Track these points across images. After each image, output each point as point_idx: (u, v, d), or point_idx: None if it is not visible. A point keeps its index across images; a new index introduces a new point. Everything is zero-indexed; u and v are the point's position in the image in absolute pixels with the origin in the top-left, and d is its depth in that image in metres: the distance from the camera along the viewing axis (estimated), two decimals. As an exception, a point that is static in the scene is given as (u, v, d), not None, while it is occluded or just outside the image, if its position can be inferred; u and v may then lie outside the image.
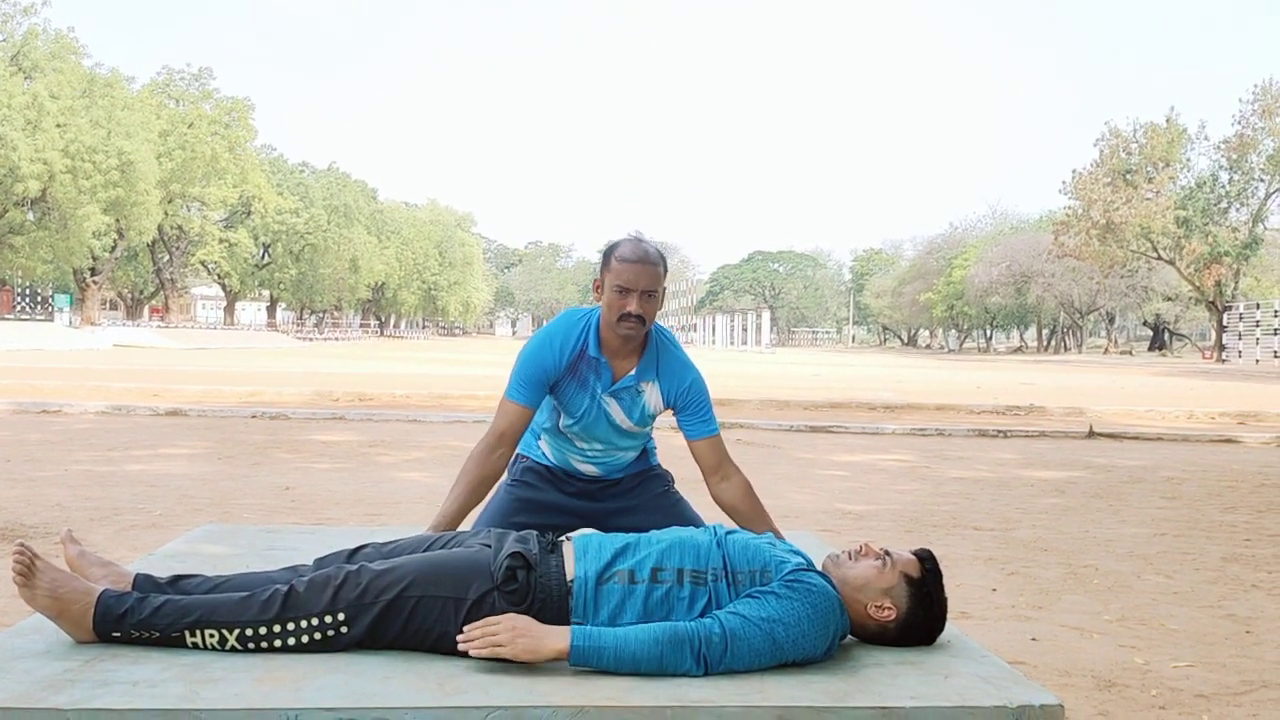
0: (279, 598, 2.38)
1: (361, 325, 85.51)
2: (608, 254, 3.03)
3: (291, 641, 2.37)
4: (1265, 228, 46.15)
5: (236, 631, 2.36)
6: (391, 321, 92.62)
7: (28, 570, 2.38)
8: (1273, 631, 3.14)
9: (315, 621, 2.37)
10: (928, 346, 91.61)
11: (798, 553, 2.59)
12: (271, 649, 2.37)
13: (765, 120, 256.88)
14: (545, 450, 3.28)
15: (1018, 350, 77.45)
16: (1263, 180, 44.72)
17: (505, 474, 3.25)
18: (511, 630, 2.30)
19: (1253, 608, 3.44)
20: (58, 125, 40.54)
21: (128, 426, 8.81)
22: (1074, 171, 46.54)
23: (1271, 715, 2.39)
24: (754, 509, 3.07)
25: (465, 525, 2.91)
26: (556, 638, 2.29)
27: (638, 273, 2.94)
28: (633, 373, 3.06)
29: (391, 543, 2.66)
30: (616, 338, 3.01)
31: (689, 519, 3.17)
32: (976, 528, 4.87)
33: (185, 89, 53.00)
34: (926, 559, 2.53)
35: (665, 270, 3.03)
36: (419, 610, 2.38)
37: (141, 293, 62.79)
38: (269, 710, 2.07)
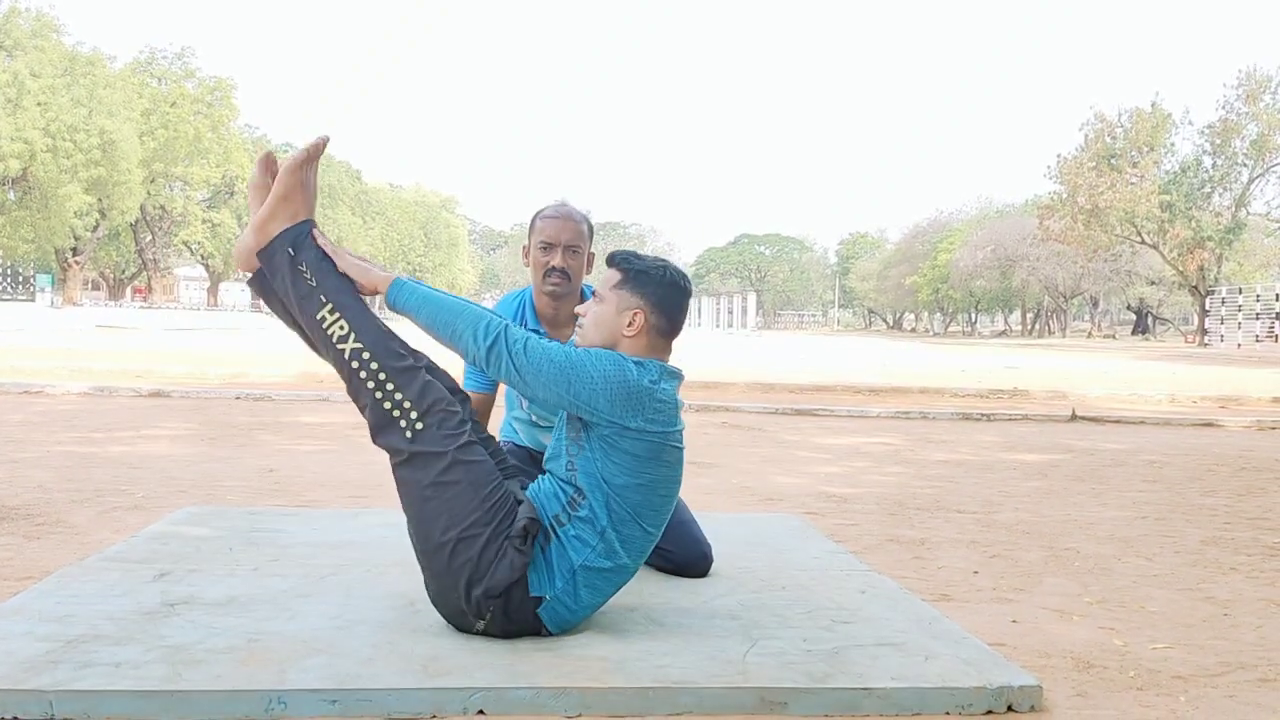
0: (406, 360, 2.50)
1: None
2: (533, 219, 3.10)
3: (379, 395, 2.48)
4: (1248, 213, 46.31)
5: (358, 346, 2.49)
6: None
7: (313, 158, 2.63)
8: (1250, 614, 3.17)
9: (406, 405, 2.46)
10: (913, 330, 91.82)
11: None
12: (360, 380, 2.49)
13: (752, 103, 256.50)
14: (519, 432, 3.32)
15: (1002, 334, 77.69)
16: (1246, 165, 44.85)
17: None
18: (354, 260, 2.59)
19: (1231, 590, 3.48)
20: (39, 104, 40.16)
21: (110, 408, 8.77)
22: (1059, 156, 46.63)
23: (1248, 696, 2.42)
24: None
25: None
26: (385, 273, 2.57)
27: (559, 227, 3.02)
28: (574, 338, 3.09)
29: (477, 420, 2.67)
30: (550, 304, 3.05)
31: None
32: (959, 510, 4.90)
33: (168, 68, 52.54)
34: (610, 257, 2.65)
35: (590, 231, 3.09)
36: (453, 491, 2.42)
37: (124, 273, 62.37)
38: (252, 692, 2.08)
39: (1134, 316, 70.26)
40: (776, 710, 2.18)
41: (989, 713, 2.22)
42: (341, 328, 2.49)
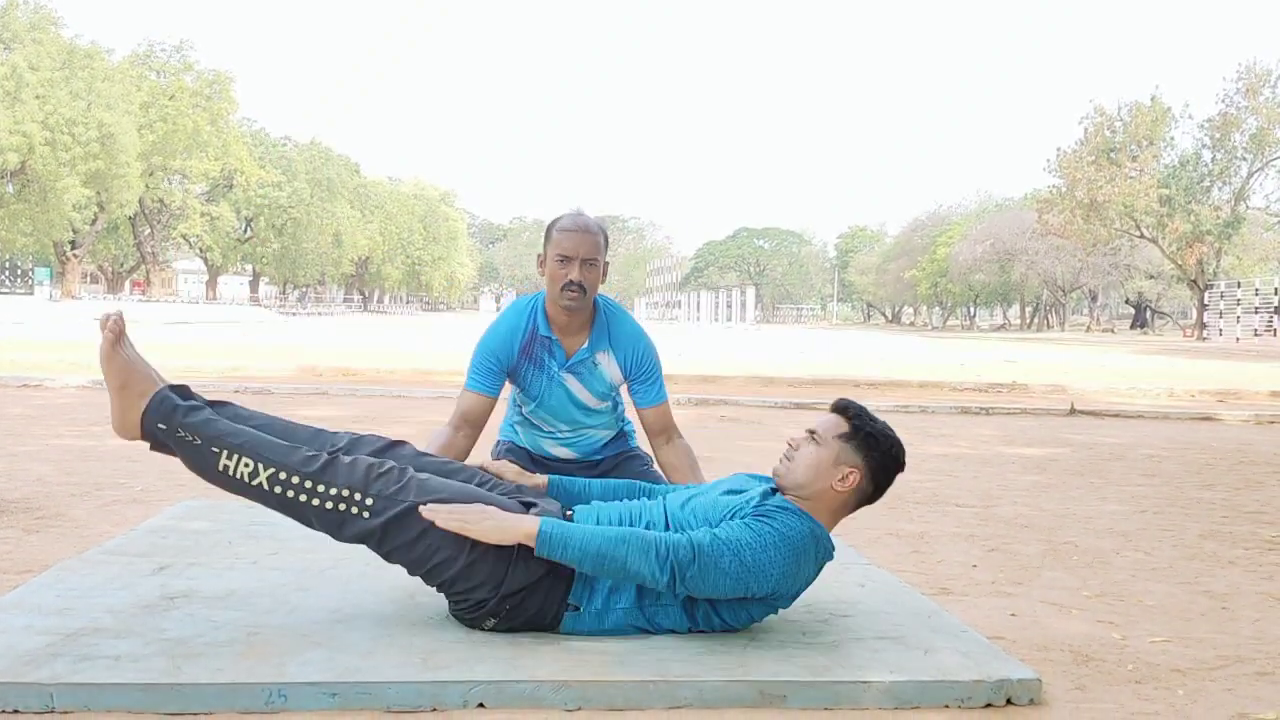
0: (321, 460, 2.42)
1: (345, 300, 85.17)
2: (549, 229, 3.10)
3: (315, 502, 2.40)
4: (1247, 207, 46.30)
5: (271, 471, 2.40)
6: (375, 296, 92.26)
7: (119, 336, 2.52)
8: (1248, 607, 3.18)
9: (345, 494, 2.40)
10: (911, 324, 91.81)
11: (760, 479, 2.61)
12: (295, 500, 2.41)
13: (752, 96, 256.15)
14: (519, 433, 3.32)
15: (1001, 328, 77.74)
16: (1245, 159, 44.83)
17: (490, 454, 3.33)
18: (482, 513, 2.37)
19: (1229, 584, 3.48)
20: (37, 97, 40.06)
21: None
22: (1058, 149, 46.59)
23: (1246, 689, 2.42)
24: (694, 467, 3.17)
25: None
26: (527, 524, 2.34)
27: (578, 241, 3.01)
28: (585, 345, 3.11)
29: (426, 455, 2.68)
30: (563, 313, 3.06)
31: None
32: (958, 504, 4.90)
33: (166, 60, 52.39)
34: (843, 406, 2.57)
35: (606, 242, 3.09)
36: (436, 530, 2.38)
37: (122, 266, 62.31)
38: (252, 685, 2.08)
39: (1133, 311, 70.27)
40: (776, 703, 2.18)
41: (988, 706, 2.22)
42: (246, 465, 2.39)
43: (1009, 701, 2.24)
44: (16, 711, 2.01)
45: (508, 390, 3.27)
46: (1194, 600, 3.25)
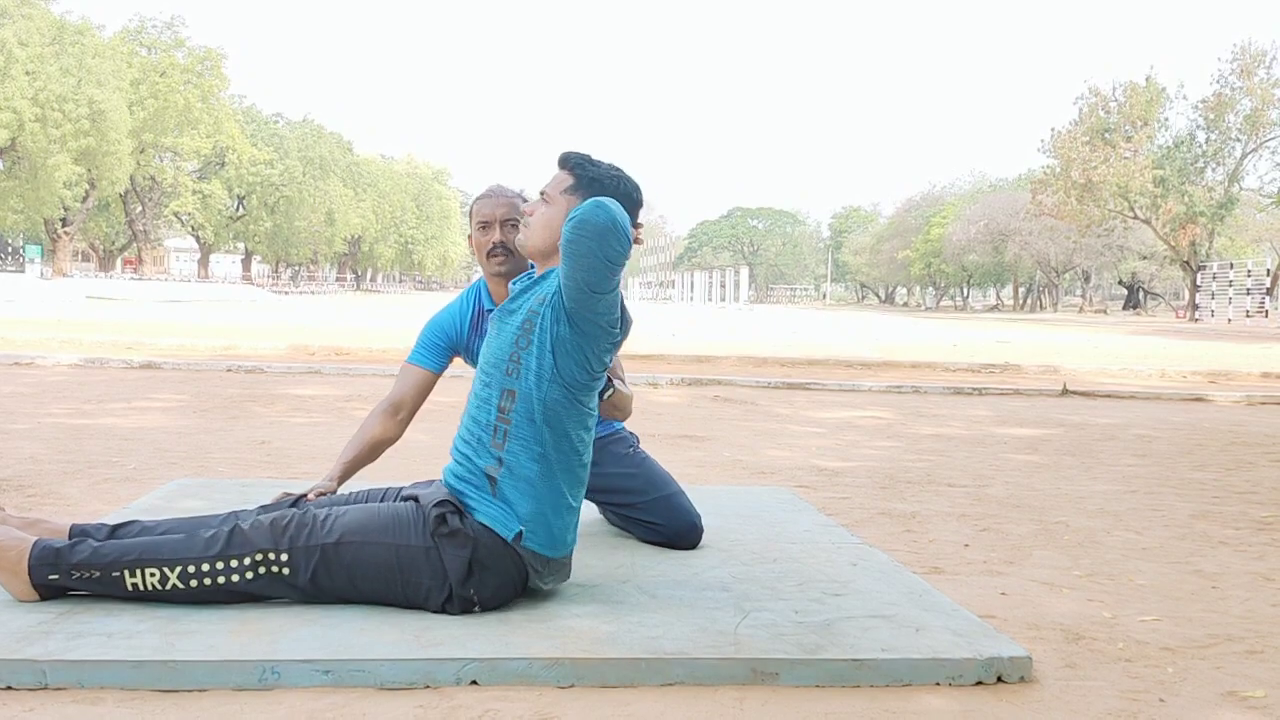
0: (222, 536, 2.36)
1: (337, 279, 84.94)
2: (469, 210, 3.15)
3: (235, 579, 2.34)
4: (1240, 188, 46.33)
5: (178, 569, 2.33)
6: (368, 275, 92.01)
7: None
8: (1238, 587, 3.20)
9: (259, 558, 2.35)
10: (905, 304, 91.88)
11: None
12: (215, 585, 2.34)
13: (747, 76, 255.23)
14: None
15: (994, 308, 77.81)
16: (1239, 140, 44.82)
17: None
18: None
19: (1219, 564, 3.50)
20: (27, 73, 39.81)
21: (101, 379, 8.74)
22: (1053, 130, 46.53)
23: (1234, 668, 2.44)
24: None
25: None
26: None
27: (493, 205, 3.10)
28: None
29: (337, 495, 2.69)
30: (499, 282, 3.10)
31: (657, 475, 3.21)
32: (950, 484, 4.92)
33: (157, 37, 52.07)
34: (564, 159, 2.53)
35: (524, 202, 3.12)
36: (362, 556, 2.38)
37: (114, 244, 62.05)
38: (245, 662, 2.08)
39: (1125, 291, 70.37)
40: (768, 681, 2.19)
41: (979, 683, 2.23)
42: (153, 574, 2.32)
43: (1000, 679, 2.25)
44: (10, 688, 2.01)
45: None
46: (1184, 580, 3.27)
